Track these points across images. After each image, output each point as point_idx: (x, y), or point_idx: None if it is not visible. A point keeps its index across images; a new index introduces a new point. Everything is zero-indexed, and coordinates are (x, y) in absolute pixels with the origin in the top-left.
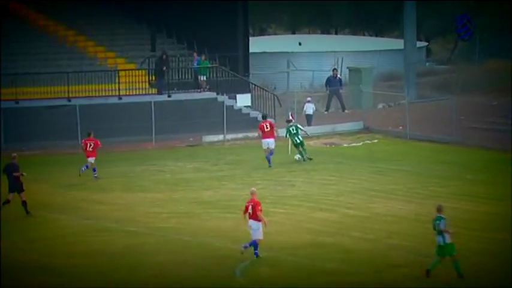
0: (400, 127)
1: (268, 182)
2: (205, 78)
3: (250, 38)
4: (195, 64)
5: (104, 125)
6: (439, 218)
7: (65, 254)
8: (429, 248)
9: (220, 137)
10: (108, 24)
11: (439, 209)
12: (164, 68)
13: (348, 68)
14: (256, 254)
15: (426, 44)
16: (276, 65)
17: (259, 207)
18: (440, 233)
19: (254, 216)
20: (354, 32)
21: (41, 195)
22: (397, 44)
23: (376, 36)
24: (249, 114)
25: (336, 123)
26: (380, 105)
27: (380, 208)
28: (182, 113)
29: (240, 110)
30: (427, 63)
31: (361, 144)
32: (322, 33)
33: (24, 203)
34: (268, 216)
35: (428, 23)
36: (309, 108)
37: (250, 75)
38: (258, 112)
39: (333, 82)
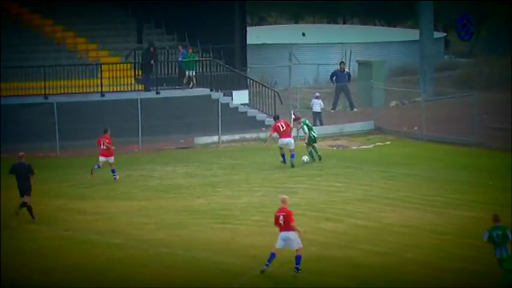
0: (415, 127)
1: (268, 188)
2: (194, 74)
3: (248, 28)
4: (180, 58)
5: (85, 125)
6: (499, 228)
7: (42, 269)
8: (448, 262)
9: (215, 138)
10: (90, 13)
11: (496, 218)
12: (152, 62)
13: (357, 61)
14: (297, 268)
15: (444, 34)
16: (277, 58)
17: (292, 217)
18: (501, 244)
19: (287, 227)
20: (364, 22)
21: (15, 203)
22: (412, 34)
23: (389, 26)
24: (246, 113)
25: (344, 123)
26: (393, 103)
27: (393, 218)
28: (172, 112)
29: (237, 108)
30: (446, 56)
31: (371, 146)
32: (329, 22)
33: (24, 204)
34: (268, 226)
35: (446, 11)
36: (316, 105)
37: (248, 70)
38: (256, 111)
39: (340, 77)
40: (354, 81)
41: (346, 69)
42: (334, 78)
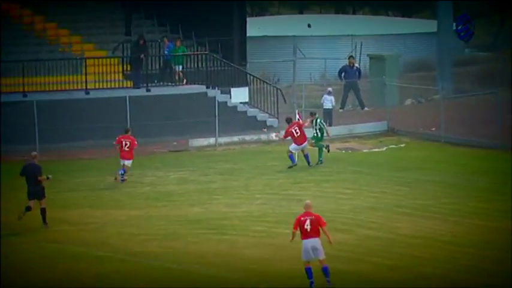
0: (433, 128)
1: (270, 196)
2: (181, 69)
3: (248, 19)
4: (166, 52)
5: (68, 126)
6: None
7: (22, 285)
8: (467, 276)
9: (211, 140)
10: (73, 2)
11: None
12: (142, 56)
13: (368, 55)
14: (328, 281)
15: None
16: (280, 52)
17: (324, 220)
18: None
19: (315, 233)
20: (375, 12)
21: (11, 209)
22: (429, 25)
23: (403, 16)
24: (246, 112)
25: (354, 123)
26: (408, 102)
27: (407, 228)
28: (164, 111)
29: (236, 107)
30: (466, 50)
31: (384, 149)
32: (337, 12)
33: (43, 211)
34: (271, 238)
35: (467, 0)
36: (327, 102)
37: (248, 65)
38: (257, 110)
39: (349, 73)
40: (365, 78)
41: (356, 64)
42: (342, 74)
